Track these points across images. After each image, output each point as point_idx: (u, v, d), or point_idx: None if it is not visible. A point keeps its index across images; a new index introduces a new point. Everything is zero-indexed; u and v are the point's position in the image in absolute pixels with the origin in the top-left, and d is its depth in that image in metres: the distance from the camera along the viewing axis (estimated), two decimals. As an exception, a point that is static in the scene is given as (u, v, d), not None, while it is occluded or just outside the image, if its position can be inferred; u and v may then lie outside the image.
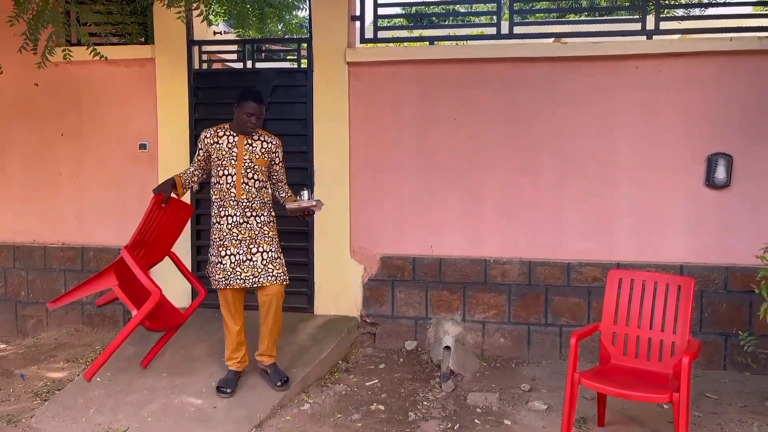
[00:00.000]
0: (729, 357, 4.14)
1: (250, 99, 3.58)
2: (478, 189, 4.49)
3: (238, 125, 3.63)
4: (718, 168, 4.12)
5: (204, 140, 3.69)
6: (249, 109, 3.57)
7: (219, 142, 3.65)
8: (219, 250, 3.66)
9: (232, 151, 3.63)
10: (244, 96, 3.60)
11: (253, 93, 3.62)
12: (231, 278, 3.63)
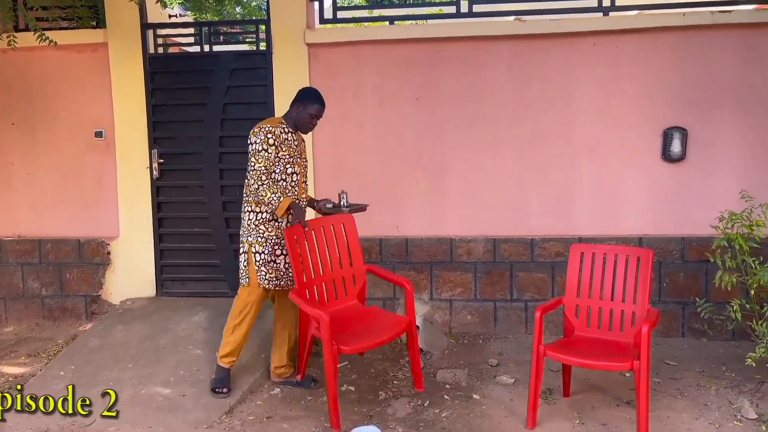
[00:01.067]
0: (687, 324, 4.28)
1: (317, 102, 3.49)
2: (442, 168, 4.52)
3: (297, 123, 3.52)
4: (673, 142, 4.22)
5: (276, 137, 3.42)
6: (314, 111, 3.49)
7: (288, 138, 3.49)
8: (274, 249, 3.51)
9: (297, 149, 3.55)
10: (312, 97, 3.50)
11: (319, 96, 3.52)
12: (284, 279, 3.53)
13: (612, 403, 3.44)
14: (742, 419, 3.21)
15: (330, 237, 3.68)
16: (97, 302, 4.82)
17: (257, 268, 3.49)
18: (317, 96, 3.54)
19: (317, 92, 3.57)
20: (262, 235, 3.49)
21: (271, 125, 3.45)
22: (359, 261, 3.73)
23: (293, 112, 3.53)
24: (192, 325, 4.33)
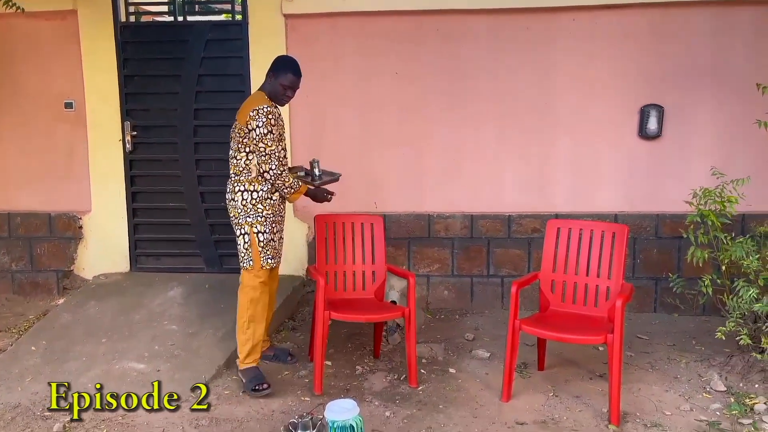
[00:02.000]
0: (659, 300, 4.35)
1: (290, 72, 3.29)
2: (421, 144, 4.49)
3: (271, 95, 3.33)
4: (650, 119, 4.24)
5: (276, 117, 3.27)
6: (288, 82, 3.29)
7: (280, 115, 3.33)
8: (273, 227, 3.37)
9: (283, 126, 3.40)
10: (286, 67, 3.30)
11: (293, 65, 3.31)
12: (278, 256, 3.44)
13: (585, 377, 3.49)
14: (711, 391, 3.28)
15: (358, 232, 3.71)
16: (69, 277, 4.73)
17: (261, 249, 3.31)
18: (292, 65, 3.33)
19: (292, 61, 3.36)
20: (261, 215, 3.32)
21: (268, 105, 3.25)
22: (381, 259, 3.72)
23: (267, 83, 3.35)
24: (167, 301, 4.28)
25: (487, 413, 3.13)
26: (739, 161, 4.12)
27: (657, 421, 3.00)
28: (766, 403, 3.09)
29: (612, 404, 2.99)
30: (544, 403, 3.22)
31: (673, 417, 3.05)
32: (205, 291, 4.39)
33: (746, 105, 4.06)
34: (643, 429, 2.95)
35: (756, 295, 3.12)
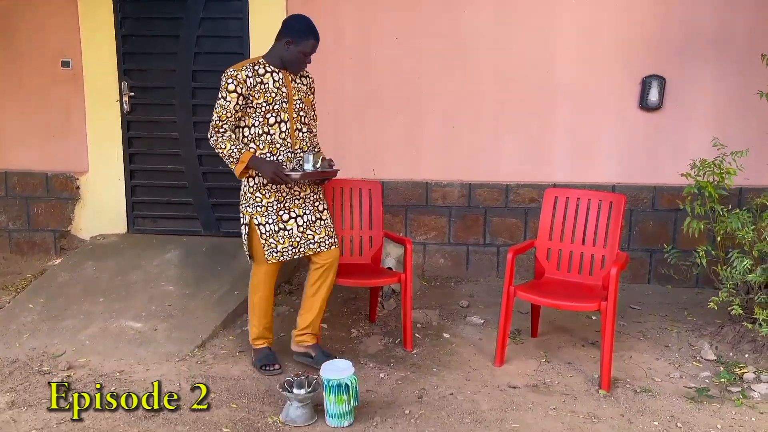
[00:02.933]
0: (653, 271, 4.39)
1: (312, 37, 2.97)
2: (420, 111, 4.46)
3: (284, 61, 2.99)
4: (651, 90, 4.22)
5: (242, 81, 2.91)
6: (309, 49, 2.98)
7: (263, 81, 2.95)
8: (280, 215, 3.04)
9: (281, 92, 2.99)
10: (304, 31, 2.96)
11: (312, 28, 2.99)
12: (301, 244, 3.07)
13: (578, 344, 3.53)
14: (701, 360, 3.33)
15: (356, 197, 3.70)
16: (66, 237, 4.74)
17: (263, 241, 3.04)
18: (310, 28, 2.98)
19: (309, 23, 3.00)
20: (261, 204, 3.03)
21: (236, 68, 2.93)
22: (378, 226, 3.71)
23: (279, 48, 2.99)
24: (164, 262, 4.30)
25: (480, 377, 3.17)
26: (739, 134, 4.11)
27: (646, 387, 3.05)
28: (755, 372, 3.14)
29: (603, 370, 3.03)
30: (536, 368, 3.26)
31: (662, 383, 3.10)
32: (202, 254, 4.41)
33: (749, 77, 4.04)
34: (633, 394, 3.00)
35: (750, 266, 3.14)
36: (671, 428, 2.72)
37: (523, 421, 2.77)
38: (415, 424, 2.74)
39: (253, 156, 2.94)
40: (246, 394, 2.96)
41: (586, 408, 2.88)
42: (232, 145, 2.95)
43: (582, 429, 2.71)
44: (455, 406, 2.89)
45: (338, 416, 2.70)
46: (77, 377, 3.08)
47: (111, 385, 3.02)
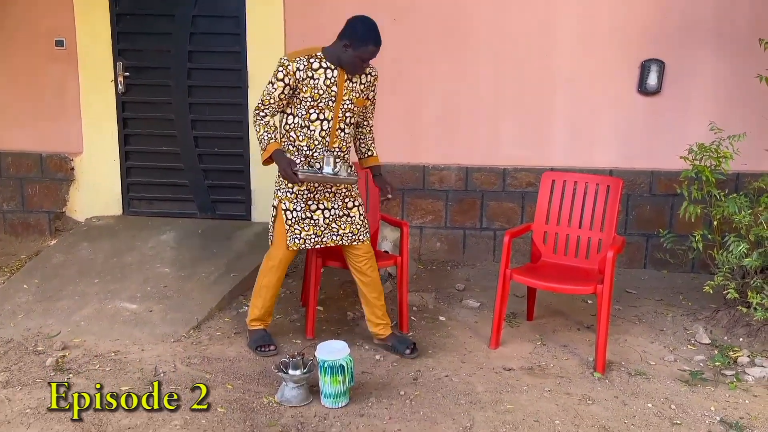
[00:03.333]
0: (649, 256, 4.39)
1: (372, 43, 2.85)
2: (418, 94, 4.43)
3: (342, 63, 2.91)
4: (650, 74, 4.19)
5: (291, 73, 2.86)
6: (366, 55, 2.88)
7: (314, 77, 2.89)
8: (308, 204, 3.03)
9: (330, 90, 2.92)
10: (363, 37, 2.84)
11: (374, 32, 2.86)
12: (325, 234, 3.06)
13: (573, 327, 3.54)
14: (696, 344, 3.34)
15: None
16: (61, 219, 4.71)
17: (288, 227, 3.03)
18: (370, 34, 2.84)
19: (370, 27, 2.86)
20: (291, 190, 3.01)
21: (290, 57, 2.87)
22: (375, 209, 3.68)
23: (338, 47, 2.89)
24: (160, 244, 4.28)
25: (475, 359, 3.18)
26: (738, 119, 4.08)
27: (641, 370, 3.06)
28: (749, 356, 3.15)
29: (598, 353, 3.04)
30: (531, 351, 3.27)
31: (656, 367, 3.11)
32: (198, 236, 4.39)
33: (747, 62, 4.00)
34: (627, 377, 3.01)
35: (746, 250, 3.14)
36: (665, 410, 2.73)
37: (518, 402, 2.78)
38: (410, 405, 2.75)
39: (276, 149, 2.90)
40: (241, 375, 2.96)
41: (581, 390, 2.89)
42: (265, 132, 2.91)
43: (576, 411, 2.72)
44: (450, 388, 2.89)
45: (333, 397, 2.70)
46: (72, 357, 3.08)
47: (106, 365, 3.02)
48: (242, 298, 3.81)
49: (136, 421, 2.58)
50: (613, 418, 2.67)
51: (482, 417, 2.66)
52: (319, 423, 2.61)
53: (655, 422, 2.65)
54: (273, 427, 2.57)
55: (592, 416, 2.68)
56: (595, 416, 2.68)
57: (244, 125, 4.49)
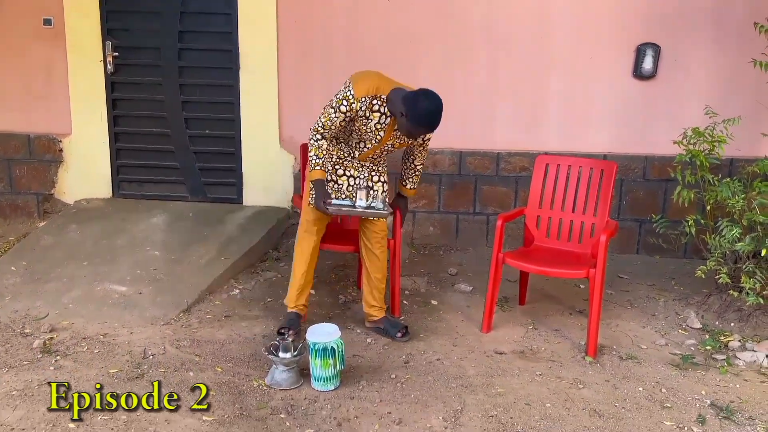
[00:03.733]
0: (642, 242, 4.38)
1: (423, 128, 2.87)
2: (411, 76, 4.32)
3: (397, 123, 2.93)
4: (646, 58, 4.16)
5: (354, 110, 2.89)
6: (417, 134, 2.94)
7: (369, 117, 2.93)
8: (335, 167, 3.08)
9: (378, 134, 2.98)
10: (419, 120, 2.82)
11: (430, 120, 2.84)
12: (328, 206, 3.02)
13: (565, 312, 3.53)
14: (688, 328, 3.34)
15: None
16: (50, 201, 4.66)
17: (312, 185, 3.05)
18: (427, 120, 2.82)
19: (431, 112, 2.82)
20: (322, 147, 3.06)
21: (357, 94, 2.87)
22: None
23: (398, 106, 2.85)
24: (150, 227, 4.24)
25: (467, 343, 3.17)
26: (733, 104, 4.05)
27: (632, 354, 3.06)
28: (740, 340, 3.16)
29: (590, 337, 3.04)
30: (523, 335, 3.26)
31: (648, 351, 3.11)
32: (189, 219, 4.35)
33: (743, 46, 3.97)
34: (619, 361, 3.01)
35: (738, 234, 3.14)
36: (656, 394, 2.74)
37: (509, 386, 2.78)
38: (401, 388, 2.74)
39: (319, 179, 2.99)
40: (231, 358, 2.94)
41: (572, 374, 2.88)
42: (316, 155, 3.00)
43: (568, 394, 2.72)
44: (441, 371, 2.88)
45: (324, 380, 2.69)
46: (60, 339, 3.04)
47: (94, 347, 2.99)
48: (233, 281, 3.78)
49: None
50: (603, 401, 2.67)
51: (473, 400, 2.66)
52: (309, 406, 2.59)
53: (645, 405, 2.65)
54: (262, 410, 2.55)
55: (583, 399, 2.68)
56: (586, 399, 2.68)
57: (236, 107, 4.44)
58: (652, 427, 2.51)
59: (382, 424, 2.49)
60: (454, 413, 2.57)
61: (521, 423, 2.52)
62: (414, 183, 3.35)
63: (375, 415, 2.54)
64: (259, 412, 2.53)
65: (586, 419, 2.55)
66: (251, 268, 3.98)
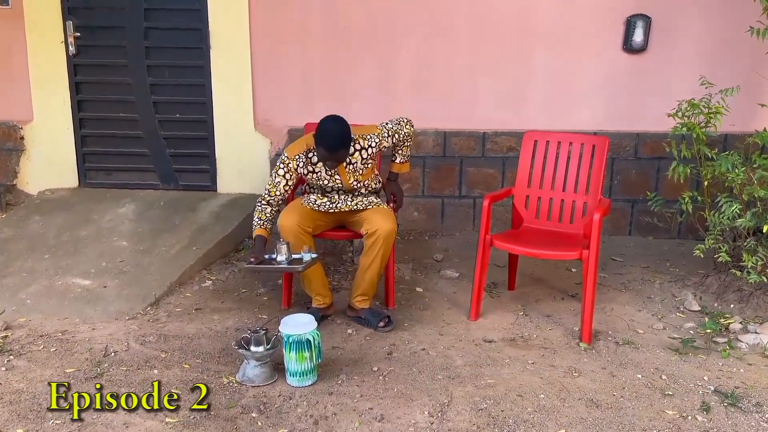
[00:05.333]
0: (635, 223, 4.21)
1: (322, 147, 2.75)
2: (392, 55, 4.17)
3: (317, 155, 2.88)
4: (636, 30, 3.97)
5: (293, 170, 2.90)
6: (322, 158, 2.81)
7: (315, 170, 2.92)
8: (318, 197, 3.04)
9: (334, 178, 2.95)
10: (319, 140, 2.76)
11: (326, 140, 2.74)
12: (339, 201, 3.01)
13: (557, 297, 3.36)
14: (685, 311, 3.18)
15: None
16: (12, 192, 4.40)
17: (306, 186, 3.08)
18: (323, 140, 2.74)
19: (326, 131, 2.75)
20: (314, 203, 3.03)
21: (290, 154, 2.90)
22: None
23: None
24: (118, 217, 4.00)
25: (454, 331, 2.98)
26: (728, 76, 3.85)
27: (629, 339, 2.89)
28: (741, 322, 2.99)
29: (584, 322, 2.86)
30: (513, 322, 3.08)
31: (645, 335, 2.94)
32: (159, 208, 4.12)
33: (738, 14, 3.78)
34: (615, 347, 2.83)
35: (739, 210, 2.96)
36: (656, 381, 2.56)
37: (500, 376, 2.59)
38: (384, 381, 2.55)
39: (258, 236, 2.91)
40: (201, 354, 2.73)
41: (567, 362, 2.71)
42: (258, 218, 2.94)
43: (562, 383, 2.54)
44: (427, 362, 2.69)
45: (300, 375, 2.48)
46: (14, 338, 2.82)
47: (52, 345, 2.76)
48: (205, 272, 3.57)
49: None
50: (601, 390, 2.49)
51: (461, 392, 2.47)
52: (283, 403, 2.39)
53: (645, 394, 2.47)
54: (232, 409, 2.34)
55: (578, 389, 2.50)
56: (582, 389, 2.50)
57: (206, 89, 4.21)
58: (654, 416, 2.33)
59: (362, 421, 2.30)
60: (440, 407, 2.38)
61: (513, 416, 2.33)
62: (404, 156, 3.18)
63: (355, 411, 2.35)
64: (228, 412, 2.33)
65: (582, 410, 2.37)
66: (225, 258, 3.77)
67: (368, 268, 2.96)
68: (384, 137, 3.02)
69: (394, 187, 3.26)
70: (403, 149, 3.16)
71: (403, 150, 3.17)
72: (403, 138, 3.10)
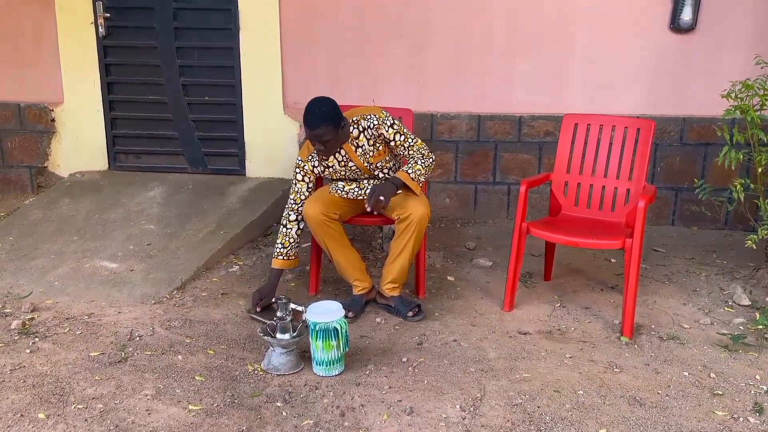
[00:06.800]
0: (678, 212, 4.02)
1: (306, 126, 2.67)
2: (424, 35, 4.02)
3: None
4: (684, 8, 3.75)
5: (309, 171, 2.90)
6: (307, 137, 2.73)
7: (329, 165, 2.89)
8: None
9: (349, 166, 2.89)
10: (304, 118, 2.70)
11: (307, 117, 2.67)
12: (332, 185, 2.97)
13: (596, 288, 3.21)
14: (734, 305, 3.00)
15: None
16: (43, 174, 4.41)
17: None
18: (305, 114, 2.67)
19: (309, 108, 2.68)
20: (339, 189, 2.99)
21: (303, 156, 2.90)
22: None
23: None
24: (146, 200, 3.97)
25: (487, 322, 2.86)
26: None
27: (674, 334, 2.73)
28: (795, 318, 2.81)
29: (625, 315, 2.71)
30: (549, 313, 2.95)
31: (691, 330, 2.78)
32: (188, 191, 4.07)
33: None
34: (659, 342, 2.68)
35: (796, 199, 2.77)
36: (703, 379, 2.41)
37: (535, 370, 2.47)
38: (413, 372, 2.44)
39: (274, 269, 2.94)
40: (225, 340, 2.67)
41: (607, 357, 2.56)
42: (280, 242, 2.93)
43: (602, 380, 2.40)
44: (459, 354, 2.58)
45: (326, 364, 2.40)
46: (41, 320, 2.79)
47: (77, 328, 2.73)
48: (233, 256, 3.51)
49: (102, 390, 2.29)
50: (644, 388, 2.35)
51: (495, 386, 2.35)
52: (309, 393, 2.31)
53: (693, 393, 2.32)
54: (257, 398, 2.27)
55: (620, 386, 2.36)
56: (623, 386, 2.36)
57: (236, 71, 4.13)
58: (702, 417, 2.18)
59: (390, 413, 2.20)
60: (473, 401, 2.27)
61: (550, 412, 2.21)
62: (416, 173, 2.81)
63: (383, 403, 2.25)
64: (252, 401, 2.26)
65: (624, 408, 2.23)
66: (253, 243, 3.70)
67: (399, 254, 2.85)
68: (385, 124, 2.80)
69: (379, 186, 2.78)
70: (417, 166, 2.84)
71: (416, 167, 2.83)
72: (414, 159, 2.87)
